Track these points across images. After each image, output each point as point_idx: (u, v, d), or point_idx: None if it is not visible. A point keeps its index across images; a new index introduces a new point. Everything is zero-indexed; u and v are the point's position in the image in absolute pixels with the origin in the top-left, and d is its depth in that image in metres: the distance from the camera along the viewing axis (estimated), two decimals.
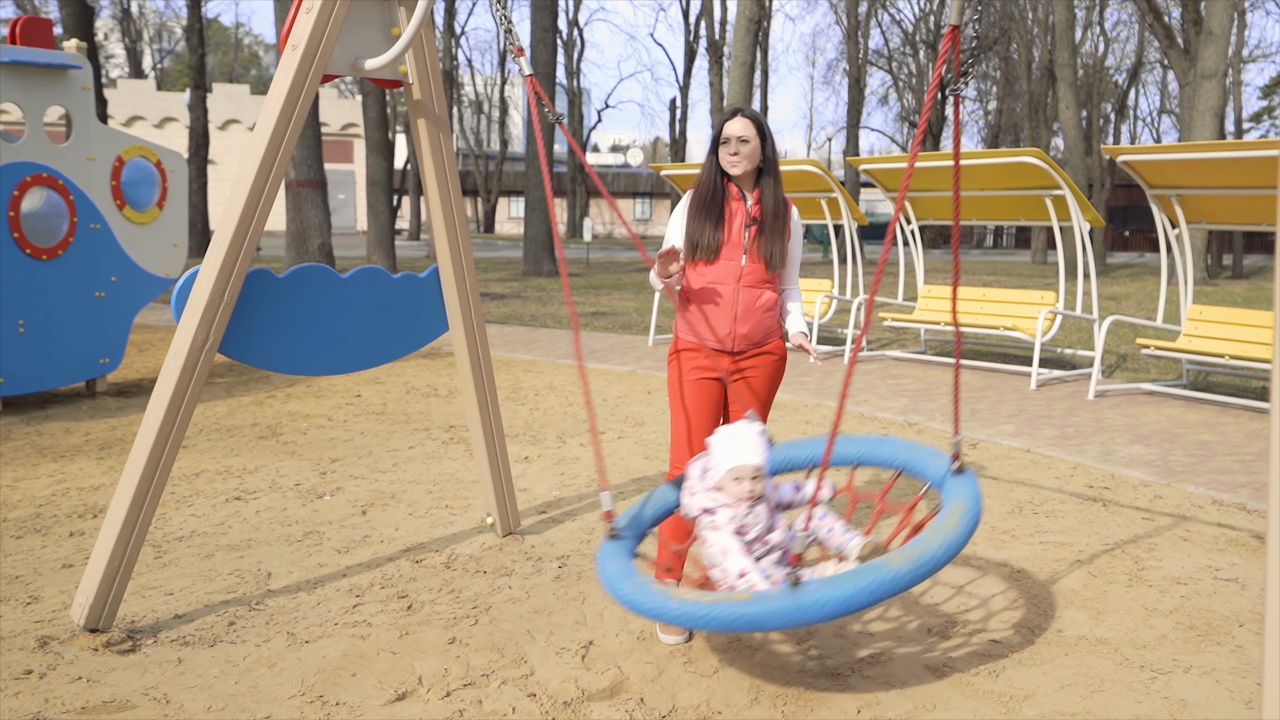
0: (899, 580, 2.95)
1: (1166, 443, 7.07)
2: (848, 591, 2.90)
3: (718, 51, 37.91)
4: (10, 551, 4.70)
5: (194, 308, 3.81)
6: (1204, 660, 3.66)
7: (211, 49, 53.53)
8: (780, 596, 2.93)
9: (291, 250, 16.81)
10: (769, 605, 2.92)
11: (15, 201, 7.57)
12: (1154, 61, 45.36)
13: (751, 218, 3.86)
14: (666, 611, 3.03)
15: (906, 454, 3.68)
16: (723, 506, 3.36)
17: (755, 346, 3.94)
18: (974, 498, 3.25)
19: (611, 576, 3.25)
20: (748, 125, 3.82)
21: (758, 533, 3.39)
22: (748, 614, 2.93)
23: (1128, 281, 24.40)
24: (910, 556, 3.00)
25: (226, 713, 3.22)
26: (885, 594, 2.94)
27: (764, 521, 3.40)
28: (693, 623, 2.99)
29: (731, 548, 3.31)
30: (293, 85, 3.86)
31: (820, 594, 2.90)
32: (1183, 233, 9.03)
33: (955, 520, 3.14)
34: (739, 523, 3.35)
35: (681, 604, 3.01)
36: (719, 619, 2.95)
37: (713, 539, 3.36)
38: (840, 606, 2.90)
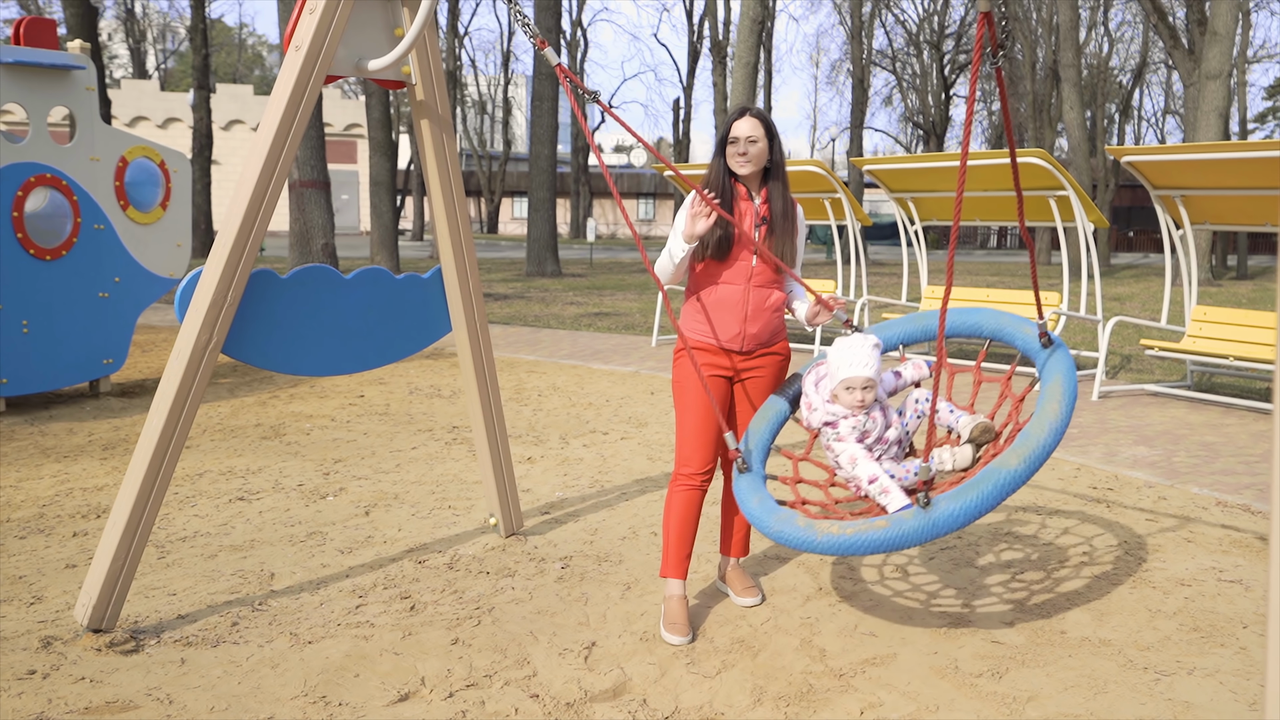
0: (1018, 478, 3.15)
1: (1170, 444, 7.06)
2: (974, 500, 3.12)
3: (721, 52, 37.92)
4: (14, 552, 4.70)
5: (197, 308, 3.81)
6: (1207, 662, 3.65)
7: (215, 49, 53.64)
8: (915, 518, 3.15)
9: (295, 251, 16.81)
10: (906, 527, 3.15)
11: (19, 202, 7.58)
12: (1158, 62, 45.35)
13: (761, 217, 3.85)
14: (814, 543, 3.25)
15: (994, 323, 3.83)
16: (843, 418, 3.61)
17: (763, 346, 3.95)
18: (1068, 373, 3.43)
19: (756, 512, 3.47)
20: (756, 125, 3.81)
21: (877, 434, 3.64)
22: (889, 537, 3.15)
23: (1132, 282, 24.37)
24: (1023, 454, 3.18)
25: (229, 713, 3.22)
26: (1008, 493, 3.15)
27: (881, 422, 3.65)
28: (839, 550, 3.21)
29: (859, 455, 3.56)
30: (296, 86, 3.86)
31: (951, 507, 3.12)
32: (1187, 233, 9.02)
33: (1054, 405, 3.31)
34: (860, 430, 3.61)
35: (826, 537, 3.23)
36: (864, 544, 3.17)
37: (839, 449, 3.62)
38: (970, 515, 3.12)
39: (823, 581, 4.45)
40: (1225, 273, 29.41)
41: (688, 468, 3.88)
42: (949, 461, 3.67)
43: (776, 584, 4.41)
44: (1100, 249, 30.61)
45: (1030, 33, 37.16)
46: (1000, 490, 3.14)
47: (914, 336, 4.06)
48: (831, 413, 3.63)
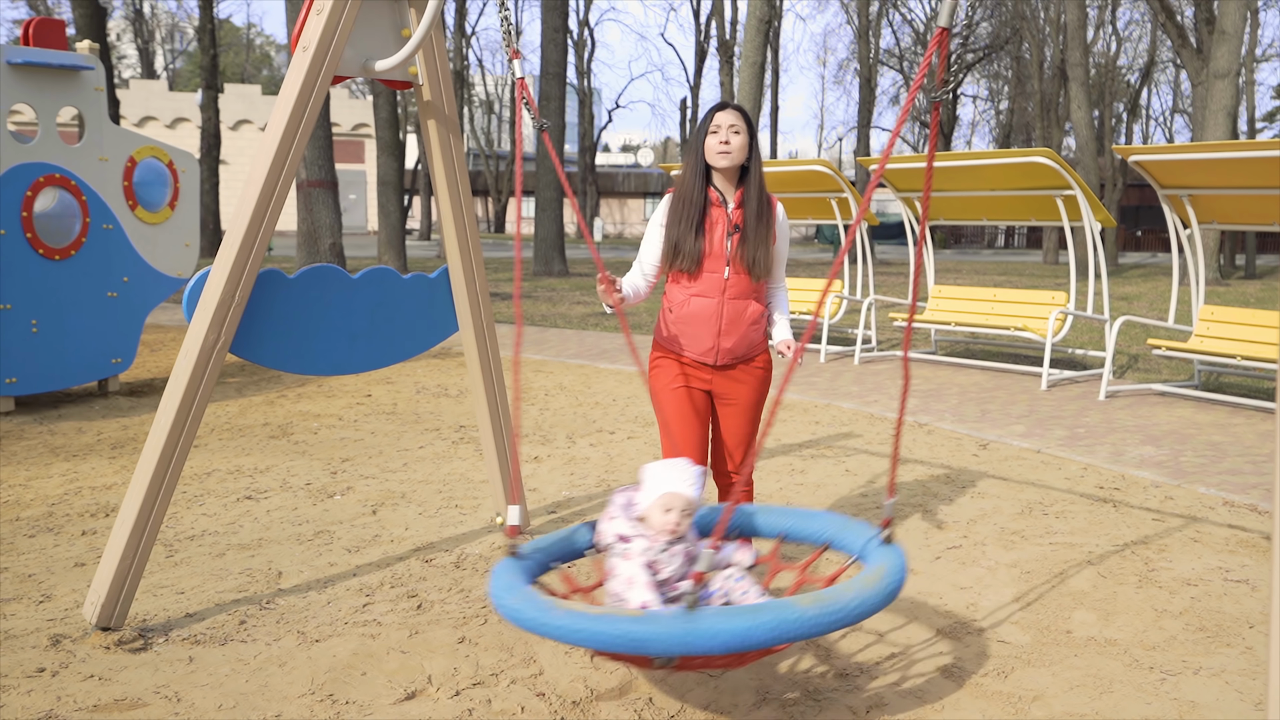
0: (803, 622, 2.71)
1: (1178, 444, 7.05)
2: (745, 624, 2.67)
3: (728, 51, 37.92)
4: (23, 550, 4.72)
5: (205, 308, 3.83)
6: (1214, 662, 3.65)
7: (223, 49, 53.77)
8: (673, 619, 2.69)
9: (303, 250, 16.85)
10: (659, 626, 2.68)
11: (28, 202, 7.61)
12: (1166, 61, 45.23)
13: (734, 225, 3.74)
14: (549, 624, 2.79)
15: (836, 528, 3.48)
16: (639, 536, 3.16)
17: (740, 360, 3.86)
18: (899, 567, 3.04)
19: (496, 589, 3.04)
20: (738, 116, 3.70)
21: (670, 574, 3.16)
22: (635, 633, 2.70)
23: (1140, 282, 24.33)
24: (819, 601, 2.78)
25: (237, 711, 3.23)
26: (786, 635, 2.70)
27: (679, 565, 3.18)
28: (575, 638, 2.75)
29: (639, 580, 3.09)
30: (303, 86, 3.88)
31: (715, 622, 2.67)
32: (1194, 233, 9.00)
33: (875, 579, 2.94)
34: (653, 556, 3.15)
35: (567, 616, 2.77)
36: (604, 635, 2.72)
37: (621, 568, 3.15)
38: (735, 639, 2.66)
39: None
40: (1233, 272, 29.34)
41: None
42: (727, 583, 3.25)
43: None
44: (1108, 248, 30.55)
45: (1038, 32, 37.10)
46: (778, 627, 2.68)
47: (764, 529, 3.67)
48: (631, 527, 3.19)
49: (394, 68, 4.20)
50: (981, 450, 6.88)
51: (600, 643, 2.74)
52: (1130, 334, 13.23)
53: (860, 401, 8.59)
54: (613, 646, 2.73)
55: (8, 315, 7.54)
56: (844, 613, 2.80)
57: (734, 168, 3.74)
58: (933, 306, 11.06)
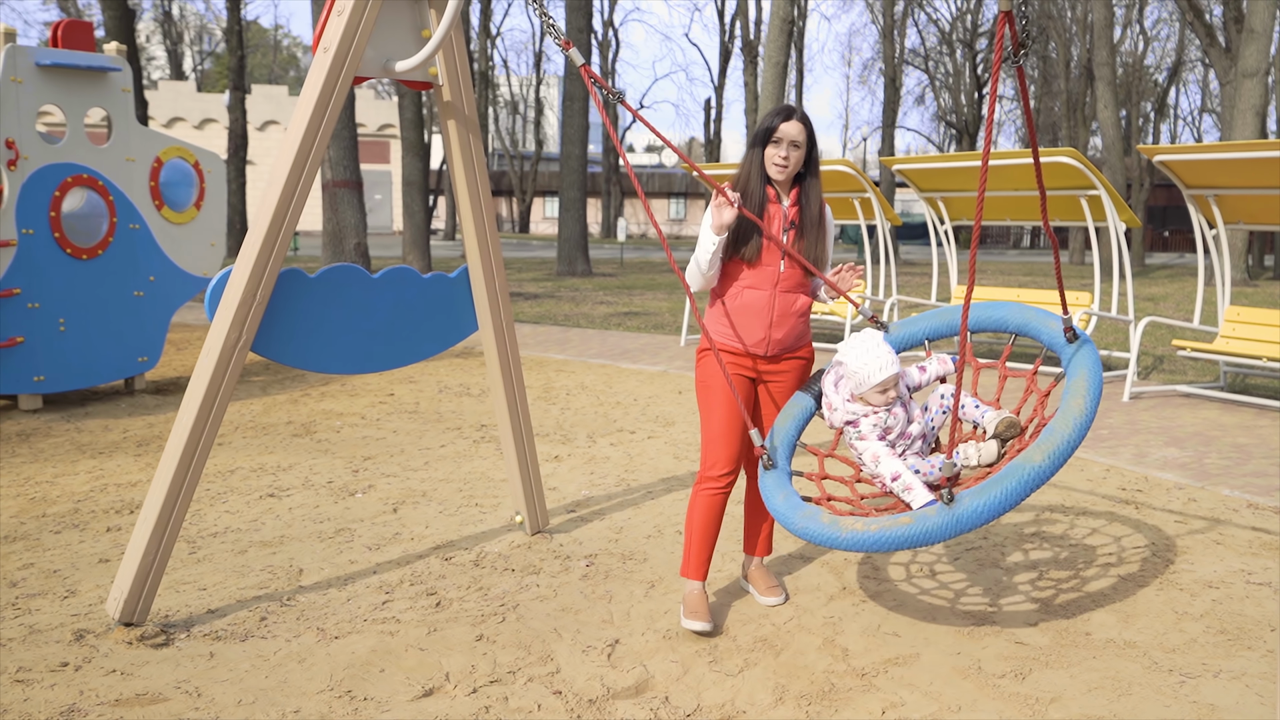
0: (1042, 474, 3.13)
1: (1202, 445, 7.00)
2: (999, 496, 3.10)
3: (753, 51, 37.86)
4: (49, 546, 4.78)
5: (227, 307, 3.87)
6: (1234, 665, 3.63)
7: (251, 51, 54.11)
8: (939, 514, 3.12)
9: (328, 250, 16.94)
10: (930, 523, 3.13)
11: (56, 202, 7.69)
12: (1194, 60, 44.87)
13: (790, 221, 3.82)
14: (838, 539, 3.23)
15: (1020, 318, 3.80)
16: (864, 416, 3.61)
17: (787, 351, 3.94)
18: (1093, 369, 3.42)
19: (780, 508, 3.47)
20: (801, 130, 3.75)
21: (900, 430, 3.65)
22: (913, 534, 3.13)
23: (1166, 282, 24.14)
24: (1047, 450, 3.16)
25: (256, 706, 3.26)
26: (1033, 489, 3.12)
27: (903, 418, 3.65)
28: (863, 547, 3.19)
29: (882, 453, 3.55)
30: (324, 87, 3.91)
31: (974, 504, 3.10)
32: (1220, 233, 8.93)
33: (1079, 400, 3.29)
34: (882, 428, 3.61)
35: (851, 533, 3.21)
36: (887, 541, 3.16)
37: (862, 447, 3.62)
38: (994, 510, 3.10)
39: (847, 581, 4.45)
40: (1261, 273, 29.06)
41: (713, 470, 3.88)
42: (974, 457, 3.67)
43: (800, 583, 4.42)
44: (1134, 249, 30.33)
45: (1064, 31, 36.87)
46: (1025, 486, 3.12)
47: (939, 331, 4.04)
48: (852, 411, 3.64)
49: (414, 68, 4.23)
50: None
51: (886, 548, 3.18)
52: (1155, 335, 13.13)
53: None
54: (898, 548, 3.18)
55: (36, 314, 7.63)
56: (1069, 445, 3.20)
57: (788, 179, 3.83)
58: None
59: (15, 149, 7.41)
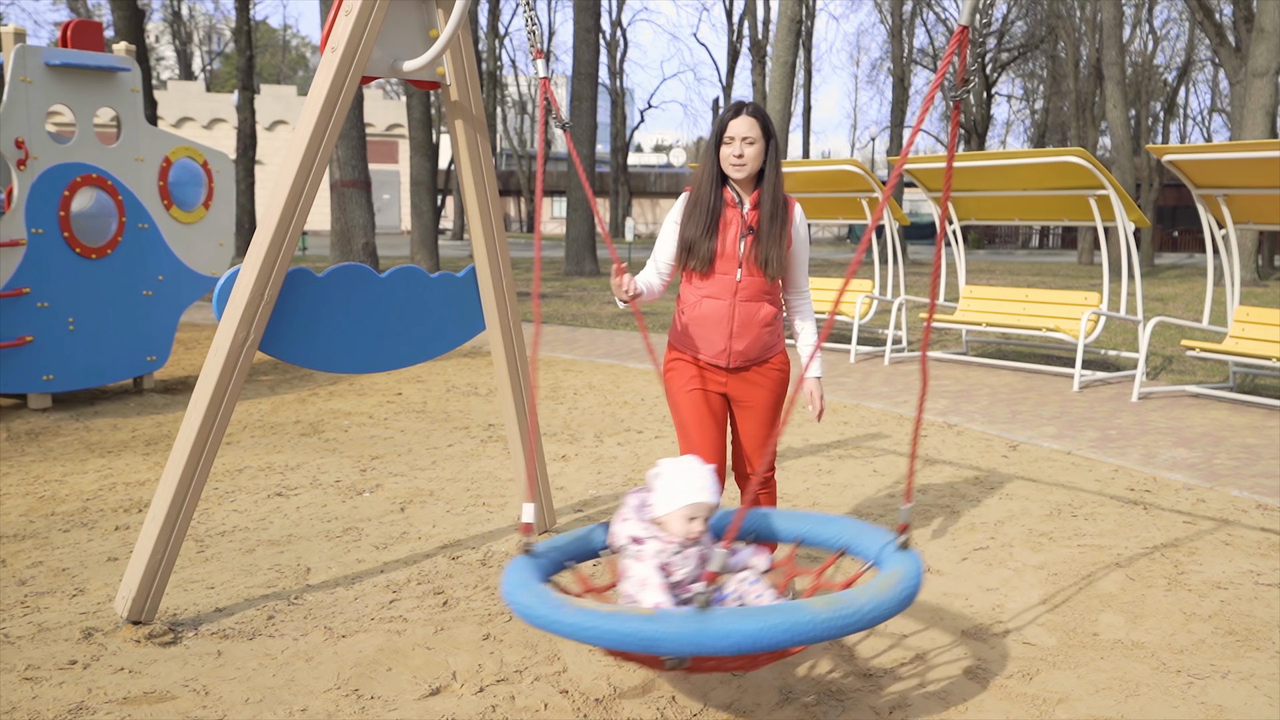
0: (816, 624, 2.68)
1: (1211, 446, 6.98)
2: (757, 626, 2.65)
3: (761, 51, 37.84)
4: (58, 544, 4.79)
5: (235, 306, 3.88)
6: (1242, 666, 3.62)
7: (259, 51, 54.19)
8: (685, 618, 2.67)
9: (336, 250, 16.97)
10: (670, 625, 2.66)
11: (66, 201, 7.72)
12: (1204, 59, 44.69)
13: (748, 226, 3.68)
14: (560, 622, 2.77)
15: (852, 534, 3.44)
16: (653, 539, 3.13)
17: (754, 363, 3.80)
18: (914, 573, 2.99)
19: (508, 586, 3.04)
20: (752, 124, 3.60)
21: (683, 577, 3.14)
22: (646, 632, 2.67)
23: (1175, 283, 24.07)
24: (833, 604, 2.75)
25: (264, 705, 3.27)
26: (799, 636, 2.68)
27: (693, 568, 3.15)
28: (586, 636, 2.73)
29: (652, 581, 3.06)
30: (332, 87, 3.91)
31: (727, 623, 2.65)
32: (1230, 233, 8.90)
33: (889, 584, 2.91)
34: (666, 559, 3.11)
35: (578, 614, 2.76)
36: (615, 634, 2.69)
37: (635, 569, 3.13)
38: (747, 640, 2.64)
39: None
40: (1271, 273, 28.97)
41: None
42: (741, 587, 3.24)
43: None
44: (1143, 249, 30.26)
45: (1073, 30, 36.78)
46: (791, 629, 2.66)
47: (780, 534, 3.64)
48: (644, 529, 3.16)
49: (421, 68, 4.24)
50: (1011, 451, 6.84)
51: (611, 641, 2.71)
52: (1165, 335, 13.10)
53: (889, 402, 8.56)
54: (624, 645, 2.71)
55: (45, 313, 7.65)
56: (857, 616, 2.76)
57: (750, 177, 3.70)
58: (964, 307, 10.99)
59: (25, 148, 7.43)
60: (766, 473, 4.00)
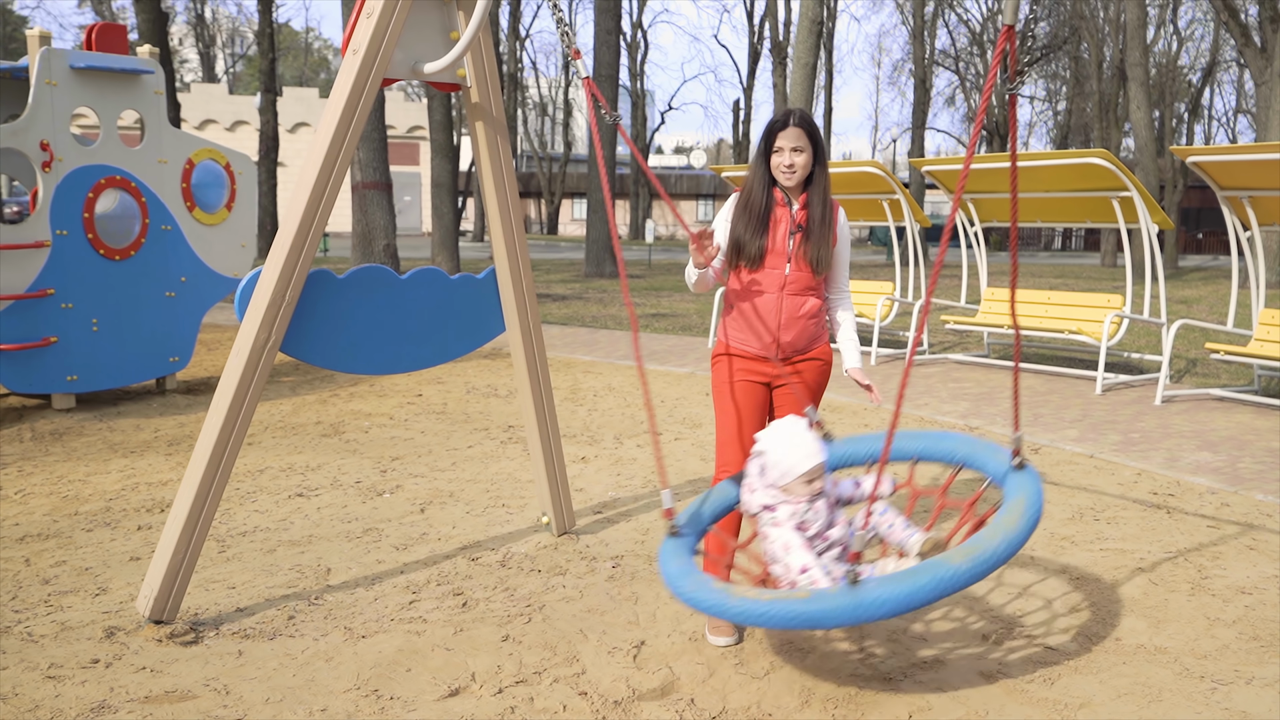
0: (958, 578, 2.94)
1: (1235, 449, 6.92)
2: (906, 589, 2.90)
3: (781, 53, 37.77)
4: (81, 544, 4.83)
5: (256, 308, 3.90)
6: (1267, 671, 3.59)
7: (282, 53, 54.52)
8: (839, 594, 2.94)
9: (357, 251, 17.03)
10: (827, 603, 2.94)
11: (90, 203, 7.77)
12: (1229, 60, 44.39)
13: (797, 224, 3.82)
14: (726, 609, 3.06)
15: (967, 449, 3.66)
16: (783, 503, 3.41)
17: (799, 353, 3.92)
18: (1035, 494, 3.20)
19: (672, 573, 3.31)
20: (800, 135, 3.75)
21: (818, 528, 3.43)
22: (806, 612, 2.95)
23: (1200, 285, 23.88)
24: (970, 554, 2.98)
25: (284, 704, 3.28)
26: (945, 591, 2.93)
27: (824, 517, 3.45)
28: (752, 620, 3.01)
29: (794, 543, 3.35)
30: (353, 89, 3.93)
31: (879, 592, 2.91)
32: (1255, 235, 8.83)
33: (1016, 517, 3.11)
34: (800, 519, 3.40)
35: (741, 601, 3.04)
36: (778, 617, 2.97)
37: (774, 535, 3.41)
38: (899, 604, 2.90)
39: None
40: None
41: (728, 470, 3.87)
42: (891, 568, 3.44)
43: None
44: (1167, 251, 30.04)
45: (1097, 31, 36.58)
46: (937, 585, 2.92)
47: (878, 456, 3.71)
48: (772, 497, 3.45)
49: (442, 70, 4.25)
50: (1033, 455, 6.80)
51: (777, 624, 2.99)
52: (1189, 338, 13.00)
53: (910, 405, 8.53)
54: (790, 626, 2.99)
55: (69, 314, 7.71)
56: (994, 558, 3.00)
57: (799, 182, 3.83)
58: (985, 309, 10.94)
59: (50, 151, 7.49)
60: None
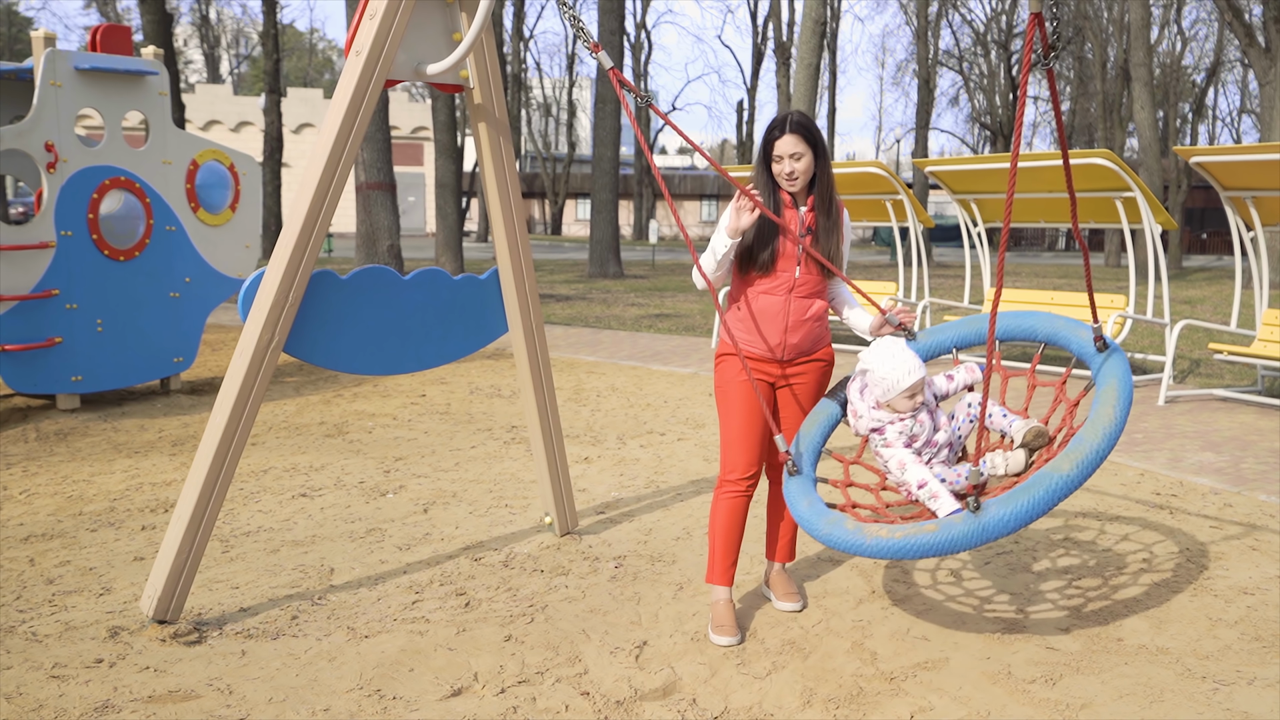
0: (1070, 483, 3.11)
1: (1239, 450, 6.92)
2: (1025, 505, 3.08)
3: (785, 53, 37.77)
4: (85, 544, 4.84)
5: (259, 308, 3.91)
6: (1269, 672, 3.59)
7: (286, 54, 54.57)
8: (965, 522, 3.12)
9: (361, 252, 17.05)
10: (956, 531, 3.12)
11: (94, 204, 7.79)
12: (1233, 60, 44.33)
13: (806, 228, 3.81)
14: (862, 546, 3.23)
15: (1049, 327, 3.79)
16: (889, 423, 3.61)
17: (804, 355, 3.92)
18: (1123, 377, 3.38)
19: (806, 515, 3.47)
20: (798, 141, 3.70)
21: (926, 437, 3.64)
22: (938, 541, 3.13)
23: (1204, 285, 23.86)
24: (1075, 459, 3.13)
25: (287, 704, 3.29)
26: (1060, 498, 3.11)
27: (929, 427, 3.65)
28: (887, 554, 3.18)
29: (908, 460, 3.54)
30: (356, 90, 3.94)
31: (1001, 512, 3.09)
32: (1258, 235, 8.82)
33: (1109, 409, 3.26)
34: (908, 435, 3.61)
35: (875, 540, 3.21)
36: (912, 548, 3.15)
37: (887, 454, 3.60)
38: (1021, 519, 3.08)
39: (875, 585, 4.43)
40: None
41: (733, 474, 3.87)
42: (1001, 466, 3.65)
43: (829, 587, 4.41)
44: (1171, 251, 30.01)
45: (1101, 31, 36.54)
46: (1052, 495, 3.11)
47: (967, 340, 4.02)
48: (877, 419, 3.64)
49: (445, 71, 4.26)
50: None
51: (912, 555, 3.16)
52: (1192, 338, 12.99)
53: None
54: (925, 555, 3.16)
55: (74, 315, 7.73)
56: (1098, 455, 3.16)
57: (803, 187, 3.82)
58: (986, 310, 10.92)
59: (55, 152, 7.51)
60: None
